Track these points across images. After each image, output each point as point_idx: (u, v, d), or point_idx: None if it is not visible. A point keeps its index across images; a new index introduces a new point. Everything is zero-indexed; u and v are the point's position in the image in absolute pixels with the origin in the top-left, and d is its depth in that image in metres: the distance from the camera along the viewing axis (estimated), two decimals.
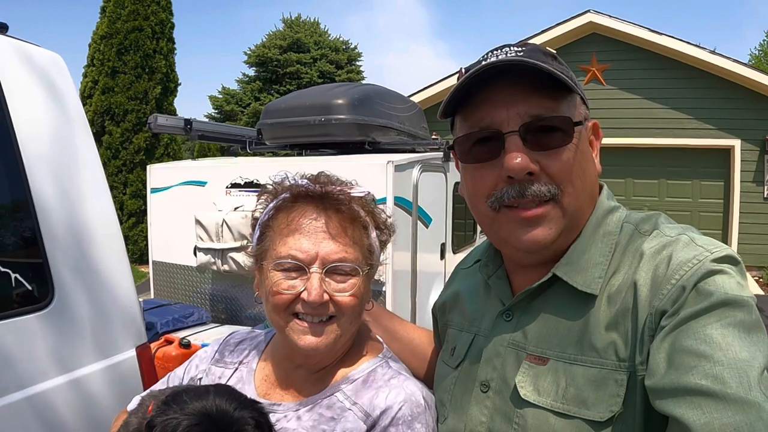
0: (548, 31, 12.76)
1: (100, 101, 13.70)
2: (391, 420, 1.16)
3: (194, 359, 1.45)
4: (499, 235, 1.17)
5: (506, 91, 1.09)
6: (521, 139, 1.07)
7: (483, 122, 1.11)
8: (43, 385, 1.94)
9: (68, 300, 2.05)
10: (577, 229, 1.14)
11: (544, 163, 1.07)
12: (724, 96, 11.87)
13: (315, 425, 1.19)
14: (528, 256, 1.17)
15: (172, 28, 14.72)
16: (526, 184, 1.08)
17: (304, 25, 28.95)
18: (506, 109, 1.08)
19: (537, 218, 1.09)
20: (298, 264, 1.18)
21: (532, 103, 1.07)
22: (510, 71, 1.07)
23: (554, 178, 1.08)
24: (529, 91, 1.07)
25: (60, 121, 2.16)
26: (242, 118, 25.93)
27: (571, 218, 1.11)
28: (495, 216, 1.14)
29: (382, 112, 5.84)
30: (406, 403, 1.18)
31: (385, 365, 1.29)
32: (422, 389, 1.25)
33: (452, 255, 6.07)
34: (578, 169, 1.10)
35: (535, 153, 1.07)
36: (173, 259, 5.69)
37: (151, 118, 5.47)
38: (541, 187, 1.07)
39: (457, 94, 1.12)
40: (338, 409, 1.21)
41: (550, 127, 1.07)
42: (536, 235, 1.10)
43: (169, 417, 1.00)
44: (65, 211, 2.09)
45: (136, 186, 13.77)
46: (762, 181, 11.80)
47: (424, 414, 1.19)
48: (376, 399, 1.20)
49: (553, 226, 1.10)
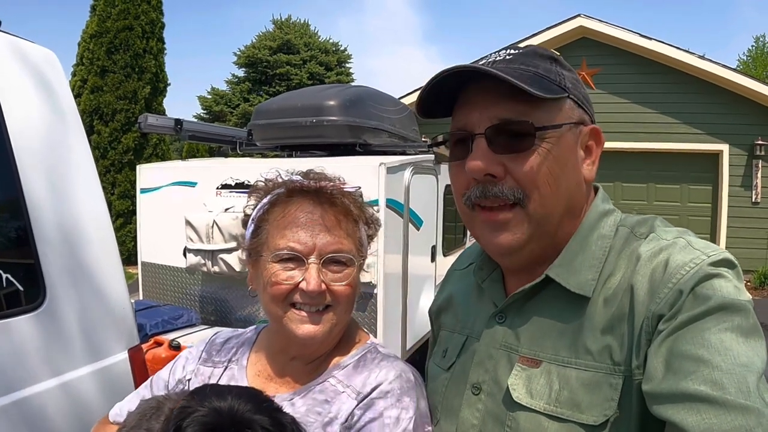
0: (538, 35, 12.80)
1: (89, 100, 13.63)
2: (380, 393, 1.21)
3: (179, 360, 1.45)
4: (476, 234, 1.21)
5: (483, 95, 1.10)
6: (487, 141, 1.08)
7: (460, 123, 1.15)
8: (33, 388, 1.91)
9: (60, 301, 2.03)
10: (552, 234, 1.14)
11: (510, 166, 1.08)
12: (713, 101, 11.97)
13: (309, 409, 1.23)
14: (503, 259, 1.19)
15: (163, 27, 14.69)
16: (488, 186, 1.09)
17: (294, 26, 28.94)
18: (479, 111, 1.10)
19: (502, 223, 1.11)
20: (297, 255, 1.22)
21: (502, 107, 1.08)
22: (487, 77, 1.07)
23: (519, 182, 1.08)
24: (504, 95, 1.08)
25: (53, 119, 2.14)
26: (231, 119, 25.87)
27: (538, 225, 1.11)
28: (471, 214, 1.17)
29: (373, 114, 5.83)
30: (396, 379, 1.23)
31: (374, 350, 1.33)
32: (413, 369, 1.30)
33: (443, 258, 6.07)
34: (547, 174, 1.08)
35: (501, 156, 1.08)
36: (163, 260, 5.65)
37: (142, 117, 5.43)
38: (504, 189, 1.08)
39: (421, 99, 1.17)
40: (331, 392, 1.25)
41: (514, 130, 1.08)
42: (502, 239, 1.12)
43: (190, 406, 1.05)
44: (57, 211, 2.07)
45: (125, 186, 13.70)
46: (750, 185, 11.90)
47: (414, 390, 1.24)
48: (369, 379, 1.24)
49: (518, 232, 1.11)
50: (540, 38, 12.69)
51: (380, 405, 1.19)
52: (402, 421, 1.18)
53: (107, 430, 1.36)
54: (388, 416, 1.18)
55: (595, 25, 12.41)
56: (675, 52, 11.93)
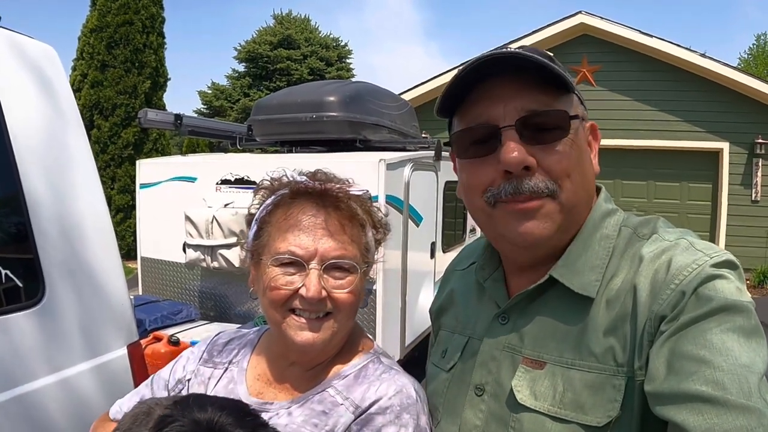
0: (539, 32, 12.76)
1: (89, 95, 13.61)
2: (379, 409, 1.16)
3: (180, 360, 1.43)
4: (496, 230, 1.17)
5: (503, 87, 1.09)
6: (518, 133, 1.06)
7: (480, 118, 1.11)
8: (32, 384, 1.91)
9: (59, 297, 2.03)
10: (575, 227, 1.14)
11: (541, 157, 1.07)
12: (714, 99, 11.94)
13: (306, 419, 1.19)
14: (524, 252, 1.16)
15: (163, 22, 14.66)
16: (523, 179, 1.07)
17: (294, 21, 28.92)
18: (503, 104, 1.08)
19: (533, 211, 1.08)
20: (297, 260, 1.18)
21: (528, 98, 1.07)
22: (507, 69, 1.07)
23: (551, 173, 1.07)
24: (526, 87, 1.07)
25: (52, 116, 2.13)
26: (231, 114, 25.85)
27: (568, 214, 1.10)
28: (491, 211, 1.13)
29: (373, 110, 5.83)
30: (396, 394, 1.18)
31: (376, 361, 1.29)
32: (414, 383, 1.25)
33: (442, 254, 6.08)
34: (576, 164, 1.09)
35: (532, 147, 1.07)
36: (162, 255, 5.66)
37: (142, 112, 5.43)
38: (539, 183, 1.07)
39: (453, 87, 1.12)
40: (329, 403, 1.21)
41: (547, 121, 1.07)
42: (532, 227, 1.09)
43: (171, 416, 1.02)
44: (57, 207, 2.07)
45: (125, 181, 13.69)
46: (750, 183, 11.89)
47: (415, 406, 1.19)
48: (368, 393, 1.20)
49: (549, 221, 1.09)
50: (541, 35, 12.67)
51: (378, 421, 1.15)
52: None
53: (107, 427, 1.34)
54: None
55: (596, 22, 12.37)
56: (676, 49, 11.90)
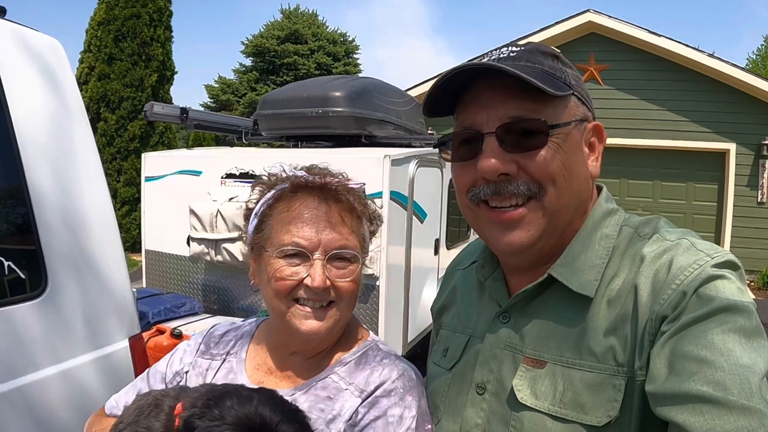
0: (547, 30, 12.73)
1: (96, 88, 13.64)
2: (384, 392, 1.21)
3: (177, 352, 1.44)
4: (483, 233, 1.19)
5: (490, 93, 1.09)
6: (498, 140, 1.07)
7: (466, 122, 1.13)
8: (34, 376, 1.92)
9: (61, 289, 2.04)
10: (561, 231, 1.14)
11: (524, 163, 1.07)
12: (721, 99, 11.88)
13: (312, 405, 1.22)
14: (511, 258, 1.18)
15: (170, 15, 14.67)
16: (502, 184, 1.08)
17: (302, 16, 28.85)
18: (487, 110, 1.09)
19: (514, 221, 1.10)
20: (302, 251, 1.22)
21: (512, 105, 1.07)
22: (494, 74, 1.06)
23: (534, 177, 1.08)
24: (512, 93, 1.07)
25: (57, 109, 2.13)
26: (238, 108, 25.85)
27: (551, 218, 1.10)
28: (476, 209, 1.15)
29: (379, 106, 5.83)
30: (399, 377, 1.24)
31: (375, 348, 1.34)
32: (413, 367, 1.31)
33: (446, 251, 6.07)
34: (562, 169, 1.08)
35: (513, 154, 1.07)
36: (166, 248, 5.67)
37: (148, 106, 5.45)
38: (520, 185, 1.08)
39: (430, 96, 1.14)
40: (333, 389, 1.25)
41: (528, 127, 1.07)
42: (514, 237, 1.10)
43: (212, 424, 0.95)
44: (60, 200, 2.08)
45: (130, 174, 13.73)
46: (756, 185, 11.84)
47: (416, 388, 1.25)
48: (371, 377, 1.24)
49: (531, 229, 1.10)
50: (548, 33, 12.64)
51: (384, 403, 1.20)
52: (405, 419, 1.19)
53: (103, 422, 1.35)
54: (391, 414, 1.19)
55: (604, 20, 12.32)
56: (684, 49, 11.85)
